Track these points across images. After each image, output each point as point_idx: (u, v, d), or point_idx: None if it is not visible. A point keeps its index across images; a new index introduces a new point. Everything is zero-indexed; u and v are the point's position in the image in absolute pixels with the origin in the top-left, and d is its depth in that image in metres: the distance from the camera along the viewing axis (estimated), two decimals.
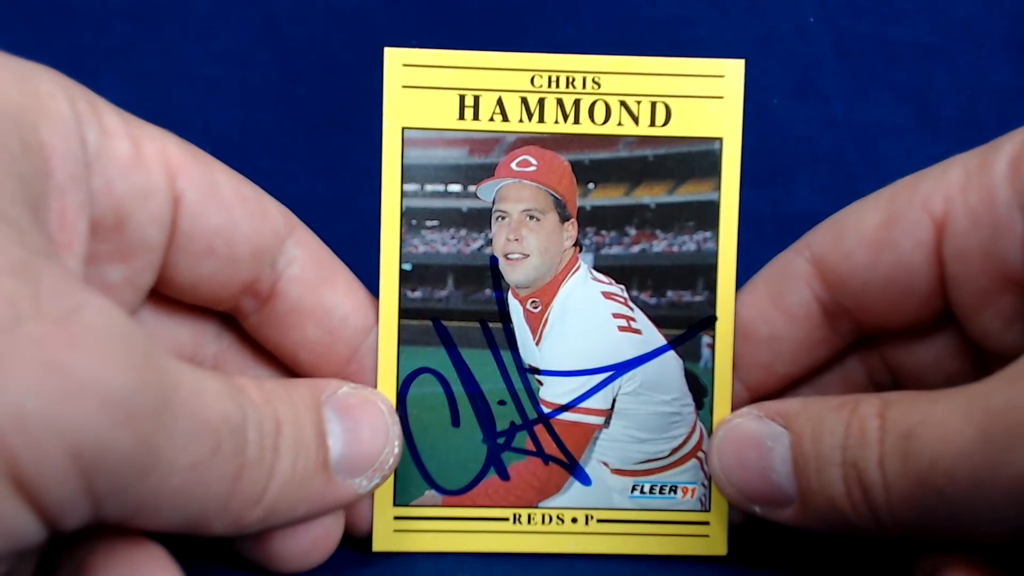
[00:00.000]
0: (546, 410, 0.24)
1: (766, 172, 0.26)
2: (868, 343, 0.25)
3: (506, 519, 0.24)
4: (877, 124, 0.34)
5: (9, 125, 0.18)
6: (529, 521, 0.24)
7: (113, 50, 0.32)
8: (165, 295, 0.23)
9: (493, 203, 0.22)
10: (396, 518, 0.24)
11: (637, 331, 0.23)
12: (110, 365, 0.16)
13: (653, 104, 0.23)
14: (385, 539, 0.25)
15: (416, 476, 0.24)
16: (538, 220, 0.21)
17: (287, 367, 0.25)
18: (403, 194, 0.23)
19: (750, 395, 0.25)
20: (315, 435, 0.21)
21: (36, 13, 0.32)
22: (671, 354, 0.24)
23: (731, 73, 0.24)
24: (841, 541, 0.25)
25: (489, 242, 0.23)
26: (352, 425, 0.22)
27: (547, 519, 0.24)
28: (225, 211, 0.22)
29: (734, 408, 0.25)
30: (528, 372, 0.23)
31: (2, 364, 0.15)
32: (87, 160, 0.20)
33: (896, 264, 0.23)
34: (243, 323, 0.24)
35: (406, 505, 0.24)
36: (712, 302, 0.24)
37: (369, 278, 0.24)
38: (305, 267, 0.23)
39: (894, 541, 0.22)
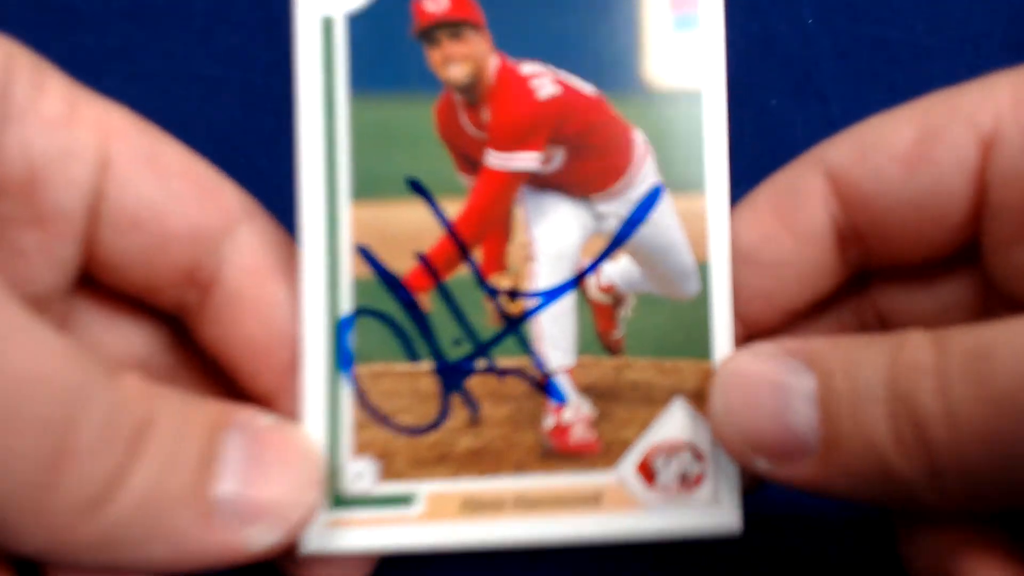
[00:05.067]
0: None
1: (764, 172, 0.22)
2: (861, 284, 0.22)
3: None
4: None
5: None
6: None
7: (115, 50, 0.31)
8: (105, 283, 0.20)
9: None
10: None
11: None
12: None
13: None
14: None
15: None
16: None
17: (230, 376, 0.21)
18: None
19: (745, 331, 0.21)
20: (199, 454, 0.17)
21: (37, 13, 0.31)
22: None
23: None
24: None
25: None
26: (258, 460, 0.18)
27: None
28: (161, 183, 0.19)
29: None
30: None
31: None
32: (2, 113, 0.17)
33: (933, 184, 0.19)
34: (192, 327, 0.21)
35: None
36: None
37: None
38: (254, 256, 0.20)
39: (926, 508, 0.18)
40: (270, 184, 0.22)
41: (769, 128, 0.30)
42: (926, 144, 0.19)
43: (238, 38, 0.31)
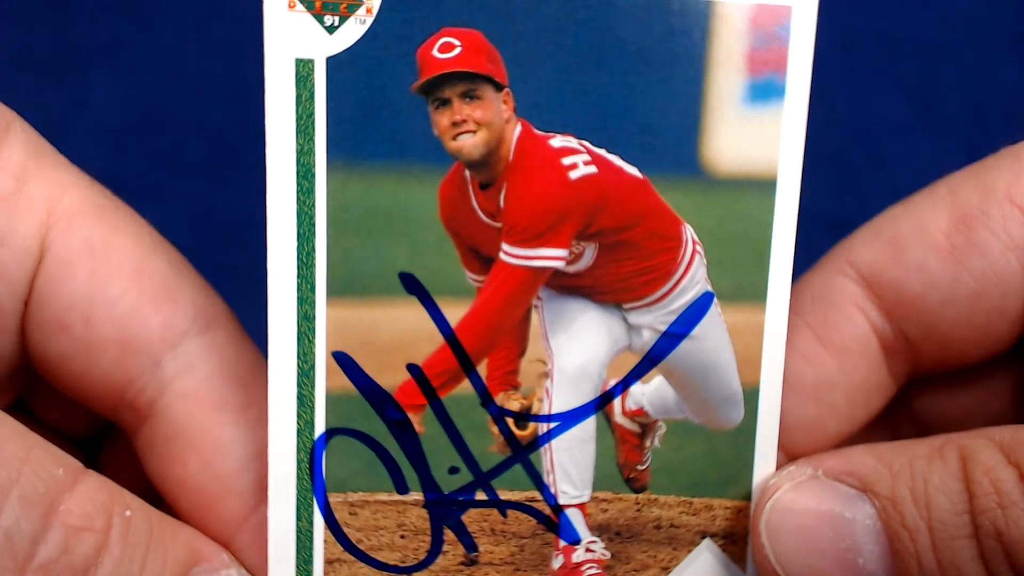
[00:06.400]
0: None
1: None
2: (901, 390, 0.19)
3: None
4: (881, 121, 0.31)
5: None
6: None
7: (105, 44, 0.30)
8: (49, 383, 0.17)
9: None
10: None
11: None
12: None
13: None
14: None
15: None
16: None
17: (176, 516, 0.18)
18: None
19: (789, 462, 0.18)
20: None
21: (28, 7, 0.31)
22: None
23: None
24: None
25: None
26: None
27: None
28: (98, 282, 0.16)
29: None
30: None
31: None
32: None
33: (986, 274, 0.17)
34: (136, 451, 0.18)
35: None
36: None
37: None
38: (203, 380, 0.17)
39: None
40: (261, 182, 0.18)
41: None
42: (967, 229, 0.17)
43: (230, 33, 0.29)
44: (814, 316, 0.18)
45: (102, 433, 0.19)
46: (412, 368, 0.17)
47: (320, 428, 0.17)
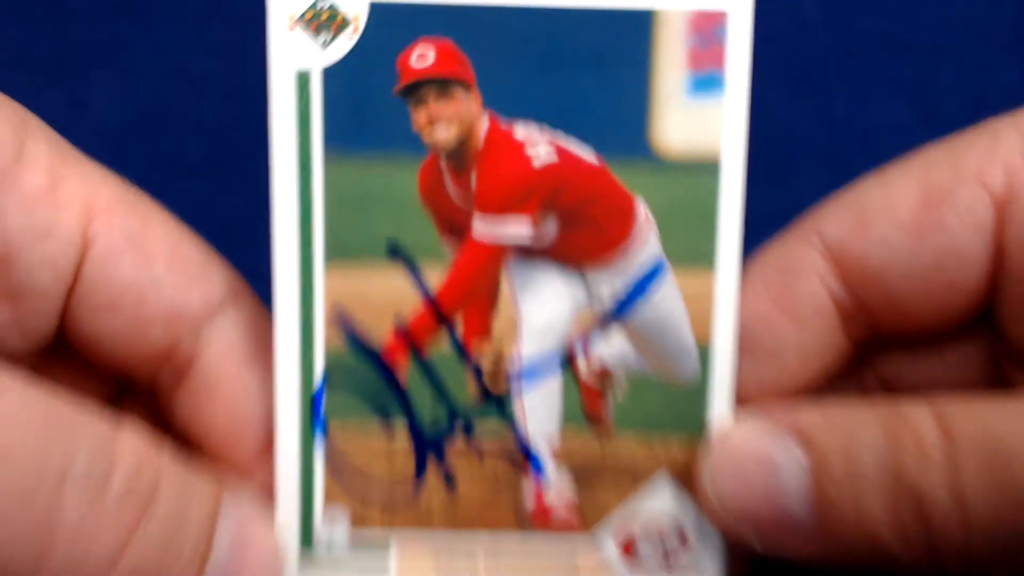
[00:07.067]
0: None
1: (766, 170, 0.22)
2: (867, 353, 0.21)
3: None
4: (880, 121, 0.31)
5: None
6: None
7: (105, 44, 0.30)
8: (80, 354, 0.19)
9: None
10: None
11: None
12: None
13: None
14: None
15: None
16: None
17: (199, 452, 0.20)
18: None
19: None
20: (196, 539, 0.17)
21: (28, 7, 0.31)
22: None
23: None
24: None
25: None
26: (239, 559, 0.18)
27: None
28: (143, 265, 0.19)
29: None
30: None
31: None
32: None
33: (945, 251, 0.18)
34: (161, 402, 0.20)
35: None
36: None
37: None
38: (234, 342, 0.20)
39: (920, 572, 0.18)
40: (261, 182, 0.20)
41: (770, 125, 0.27)
42: (933, 208, 0.18)
43: (230, 33, 0.30)
44: (774, 283, 0.20)
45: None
46: (399, 329, 0.20)
47: (319, 378, 0.20)
